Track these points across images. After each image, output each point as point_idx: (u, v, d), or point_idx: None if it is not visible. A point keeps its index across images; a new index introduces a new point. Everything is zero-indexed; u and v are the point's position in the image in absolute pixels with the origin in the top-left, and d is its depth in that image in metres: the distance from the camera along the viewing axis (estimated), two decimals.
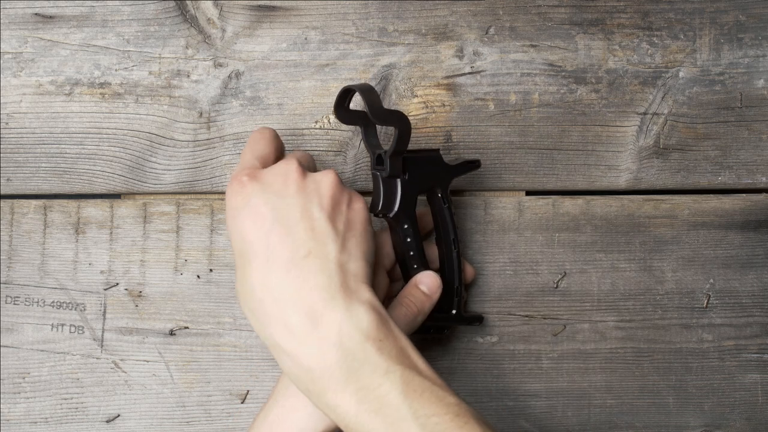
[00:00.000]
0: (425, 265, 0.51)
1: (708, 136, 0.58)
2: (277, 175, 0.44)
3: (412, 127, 0.48)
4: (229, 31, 0.57)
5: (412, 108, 0.57)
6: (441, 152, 0.52)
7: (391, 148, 0.48)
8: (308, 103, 0.57)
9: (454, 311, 0.52)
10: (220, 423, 0.56)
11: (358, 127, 0.56)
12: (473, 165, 0.53)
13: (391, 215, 0.49)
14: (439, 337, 0.56)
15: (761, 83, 0.58)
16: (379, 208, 0.49)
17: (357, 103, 0.53)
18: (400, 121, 0.47)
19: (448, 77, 0.58)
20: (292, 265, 0.41)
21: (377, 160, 0.50)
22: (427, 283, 0.49)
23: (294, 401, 0.45)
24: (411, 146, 0.51)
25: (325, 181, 0.45)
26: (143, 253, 0.57)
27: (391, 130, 0.57)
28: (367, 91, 0.47)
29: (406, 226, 0.49)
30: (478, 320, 0.54)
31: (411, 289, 0.50)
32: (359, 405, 0.39)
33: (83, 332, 0.56)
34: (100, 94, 0.57)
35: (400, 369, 0.40)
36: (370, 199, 0.50)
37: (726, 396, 0.58)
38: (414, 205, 0.50)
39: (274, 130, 0.49)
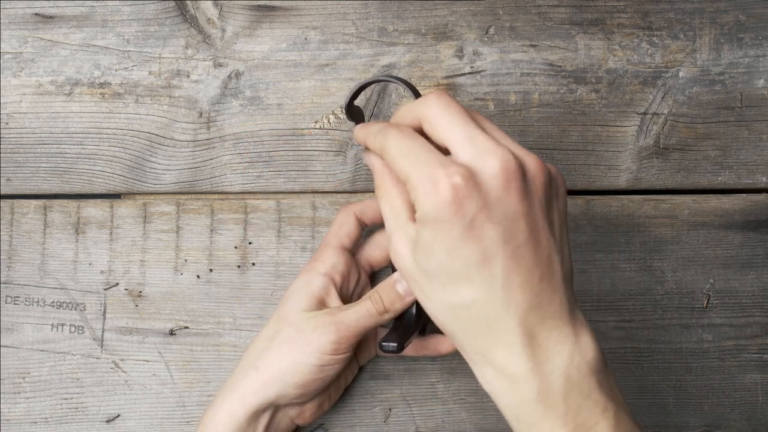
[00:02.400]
0: None
1: (708, 136, 0.58)
2: (496, 180, 0.37)
3: None
4: (229, 31, 0.57)
5: None
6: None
7: None
8: (308, 103, 0.57)
9: None
10: None
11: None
12: None
13: None
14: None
15: (761, 83, 0.58)
16: None
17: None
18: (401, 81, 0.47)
19: (447, 77, 0.58)
20: (520, 287, 0.37)
21: None
22: (403, 283, 0.48)
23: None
24: None
25: (536, 170, 0.38)
26: (143, 253, 0.57)
27: None
28: (403, 80, 0.46)
29: None
30: None
31: (385, 285, 0.48)
32: None
33: (83, 332, 0.56)
34: (100, 94, 0.57)
35: (614, 407, 0.38)
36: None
37: (726, 396, 0.58)
38: None
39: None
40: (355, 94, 0.48)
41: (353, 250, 0.53)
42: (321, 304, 0.50)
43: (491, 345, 0.38)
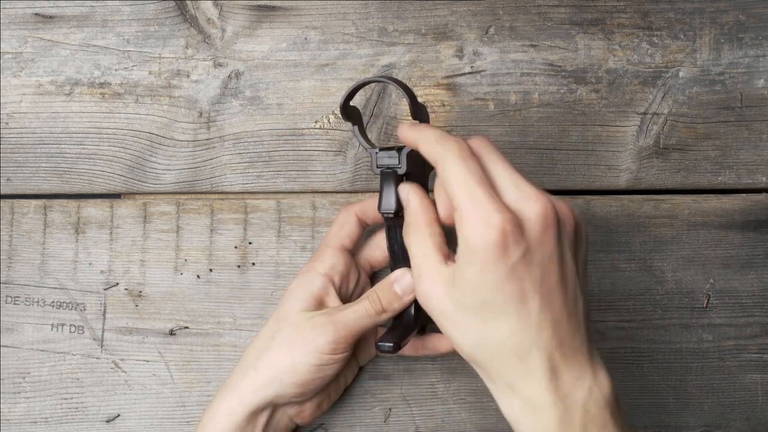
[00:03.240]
0: None
1: (708, 136, 0.58)
2: (538, 227, 0.40)
3: None
4: (229, 31, 0.57)
5: None
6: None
7: (403, 150, 0.47)
8: (308, 103, 0.57)
9: None
10: None
11: (357, 127, 0.56)
12: None
13: (402, 214, 0.47)
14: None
15: (761, 83, 0.58)
16: (394, 208, 0.47)
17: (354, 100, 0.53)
18: (427, 117, 0.46)
19: (447, 77, 0.58)
20: (551, 324, 0.40)
21: (386, 158, 0.47)
22: (402, 283, 0.48)
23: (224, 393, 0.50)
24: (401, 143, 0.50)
25: (566, 217, 0.41)
26: (143, 253, 0.57)
27: (380, 129, 0.57)
28: (399, 82, 0.45)
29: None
30: None
31: (383, 285, 0.49)
32: None
33: (83, 332, 0.56)
34: (100, 94, 0.57)
35: None
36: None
37: (726, 396, 0.58)
38: None
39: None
40: (351, 95, 0.47)
41: (353, 251, 0.53)
42: (320, 305, 0.50)
43: (520, 377, 0.40)
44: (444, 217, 0.43)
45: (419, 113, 0.46)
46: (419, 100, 0.57)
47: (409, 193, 0.45)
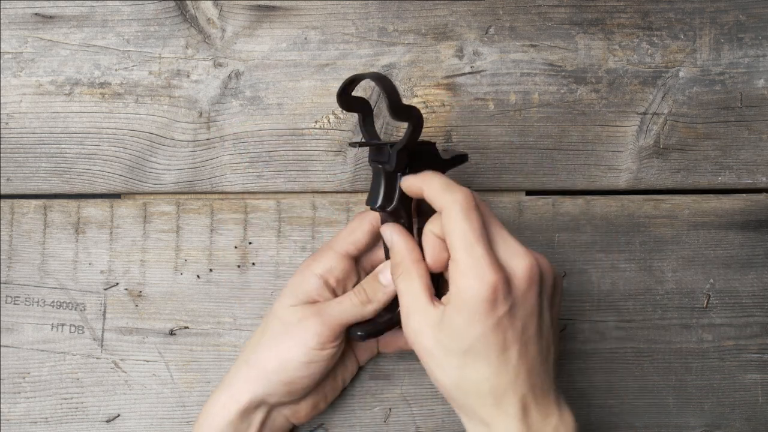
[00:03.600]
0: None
1: (708, 136, 0.58)
2: (524, 284, 0.44)
3: None
4: (229, 31, 0.57)
5: None
6: (437, 146, 0.50)
7: (400, 143, 0.46)
8: (308, 103, 0.57)
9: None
10: None
11: (357, 127, 0.56)
12: (463, 158, 0.50)
13: (390, 209, 0.48)
14: None
15: (761, 83, 0.58)
16: (380, 202, 0.48)
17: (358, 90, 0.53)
18: (415, 116, 0.45)
19: (448, 77, 0.58)
20: (526, 370, 0.44)
21: (378, 153, 0.48)
22: (386, 273, 0.49)
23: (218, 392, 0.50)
24: None
25: (547, 274, 0.45)
26: (143, 253, 0.57)
27: (380, 129, 0.57)
28: (384, 80, 0.45)
29: (402, 221, 0.49)
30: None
31: (368, 277, 0.50)
32: None
33: (83, 332, 0.56)
34: (100, 94, 0.57)
35: None
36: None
37: (726, 396, 0.58)
38: (411, 200, 0.49)
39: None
40: (346, 88, 0.46)
41: (357, 258, 0.52)
42: (312, 304, 0.50)
43: (494, 414, 0.44)
44: (431, 263, 0.46)
45: (401, 115, 0.45)
46: (417, 101, 0.57)
47: (393, 233, 0.47)
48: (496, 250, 0.44)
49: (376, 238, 0.51)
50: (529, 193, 0.58)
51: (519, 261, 0.43)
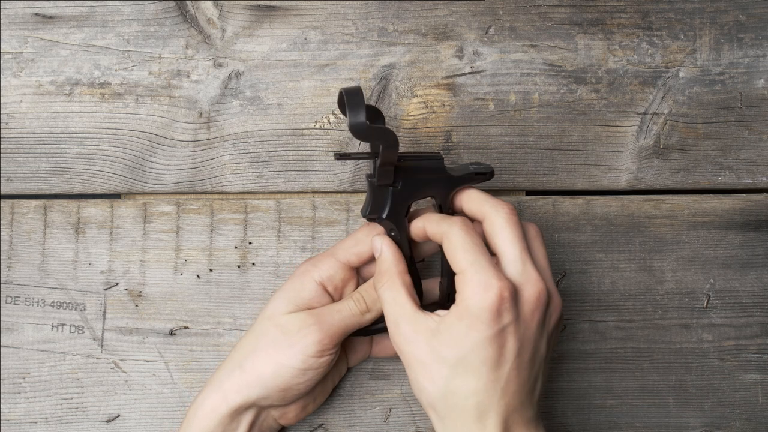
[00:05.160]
0: (413, 273, 0.49)
1: (708, 136, 0.58)
2: (530, 305, 0.44)
3: (412, 127, 0.47)
4: (229, 31, 0.57)
5: (412, 108, 0.57)
6: (443, 155, 0.49)
7: (377, 162, 0.46)
8: (308, 103, 0.57)
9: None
10: None
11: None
12: (483, 176, 0.48)
13: (379, 221, 0.48)
14: None
15: (761, 83, 0.58)
16: (367, 212, 0.48)
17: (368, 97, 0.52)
18: (383, 138, 0.44)
19: (448, 77, 0.58)
20: (513, 392, 0.44)
21: (371, 165, 0.48)
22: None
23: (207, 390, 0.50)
24: (413, 148, 0.50)
25: (555, 307, 0.45)
26: (143, 253, 0.57)
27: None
28: (351, 102, 0.42)
29: (393, 234, 0.48)
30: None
31: (367, 286, 0.50)
32: None
33: (83, 332, 0.56)
34: (100, 94, 0.57)
35: None
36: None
37: (726, 396, 0.58)
38: (405, 213, 0.48)
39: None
40: (340, 101, 0.45)
41: (358, 268, 0.52)
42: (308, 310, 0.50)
43: (474, 430, 0.43)
44: (413, 231, 0.47)
45: (366, 137, 0.43)
46: (417, 101, 0.57)
47: (383, 243, 0.48)
48: (507, 266, 0.44)
49: None
50: (529, 193, 0.58)
51: (531, 284, 0.44)
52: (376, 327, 0.51)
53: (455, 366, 0.43)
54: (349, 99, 0.43)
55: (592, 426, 0.57)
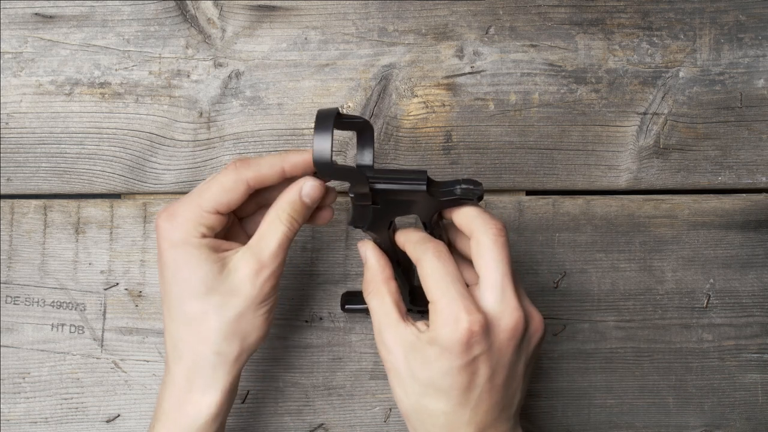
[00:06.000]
0: (403, 283, 0.50)
1: (708, 136, 0.58)
2: (505, 335, 0.43)
3: (412, 127, 0.47)
4: (229, 31, 0.57)
5: (412, 108, 0.57)
6: (429, 172, 0.47)
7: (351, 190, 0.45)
8: (308, 103, 0.57)
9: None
10: None
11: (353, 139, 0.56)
12: (469, 201, 0.45)
13: (363, 229, 0.47)
14: None
15: (761, 83, 0.58)
16: (349, 221, 0.47)
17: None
18: (348, 178, 0.43)
19: (448, 77, 0.58)
20: (484, 411, 0.44)
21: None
22: (306, 188, 0.45)
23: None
24: (413, 147, 0.49)
25: (536, 329, 0.45)
26: (143, 253, 0.57)
27: (380, 129, 0.57)
28: (319, 127, 0.41)
29: (378, 241, 0.48)
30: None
31: (293, 202, 0.46)
32: None
33: (83, 332, 0.56)
34: (100, 94, 0.57)
35: None
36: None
37: (726, 396, 0.58)
38: (388, 225, 0.47)
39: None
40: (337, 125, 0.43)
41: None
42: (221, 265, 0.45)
43: None
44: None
45: (332, 175, 0.42)
46: (417, 101, 0.57)
47: (368, 250, 0.47)
48: (484, 293, 0.43)
49: (257, 203, 0.48)
50: (529, 193, 0.58)
51: (508, 314, 0.43)
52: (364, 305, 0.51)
53: (426, 386, 0.43)
54: (318, 123, 0.41)
55: (592, 426, 0.57)
